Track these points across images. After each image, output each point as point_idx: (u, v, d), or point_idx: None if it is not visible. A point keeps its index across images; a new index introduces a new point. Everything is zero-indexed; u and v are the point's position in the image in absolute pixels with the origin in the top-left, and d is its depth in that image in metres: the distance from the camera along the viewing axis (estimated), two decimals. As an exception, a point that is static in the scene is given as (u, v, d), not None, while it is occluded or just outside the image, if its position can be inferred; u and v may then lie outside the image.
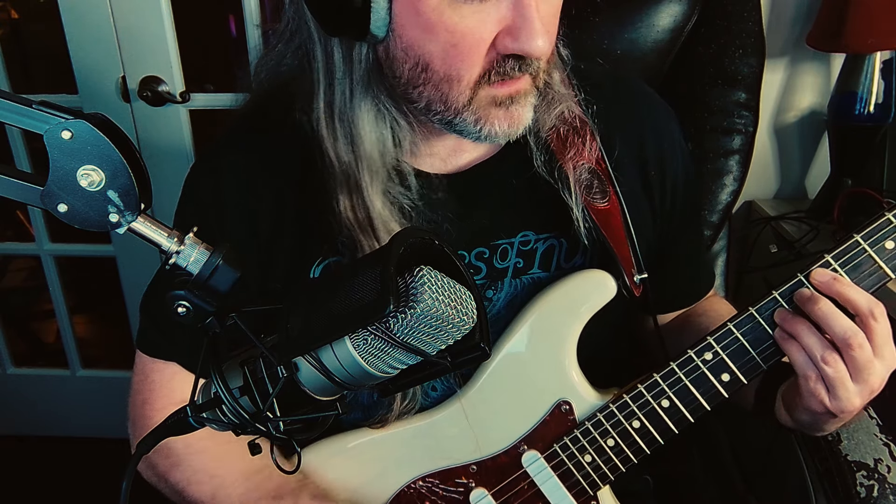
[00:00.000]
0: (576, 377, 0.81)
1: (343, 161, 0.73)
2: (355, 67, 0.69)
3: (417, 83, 0.68)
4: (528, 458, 0.82)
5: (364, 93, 0.70)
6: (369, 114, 0.71)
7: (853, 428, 0.89)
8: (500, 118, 0.69)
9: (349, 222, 0.74)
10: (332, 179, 0.74)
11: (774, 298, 0.73)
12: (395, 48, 0.66)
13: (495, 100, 0.68)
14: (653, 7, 1.19)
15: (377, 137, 0.72)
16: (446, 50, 0.64)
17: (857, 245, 0.72)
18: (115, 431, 2.00)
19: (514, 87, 0.68)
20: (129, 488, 0.52)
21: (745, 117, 1.24)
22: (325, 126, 0.72)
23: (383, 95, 0.71)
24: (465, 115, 0.68)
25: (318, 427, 0.54)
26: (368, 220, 0.73)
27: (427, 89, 0.68)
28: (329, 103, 0.71)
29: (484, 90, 0.67)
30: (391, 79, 0.70)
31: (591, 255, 0.83)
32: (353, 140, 0.72)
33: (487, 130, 0.69)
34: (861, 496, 0.82)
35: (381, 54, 0.69)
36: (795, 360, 0.70)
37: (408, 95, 0.70)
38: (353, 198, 0.73)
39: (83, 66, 1.62)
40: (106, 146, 0.45)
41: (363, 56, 0.69)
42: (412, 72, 0.67)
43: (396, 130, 0.73)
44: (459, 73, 0.66)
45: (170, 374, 0.84)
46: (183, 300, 0.48)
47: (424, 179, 0.78)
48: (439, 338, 0.48)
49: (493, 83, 0.67)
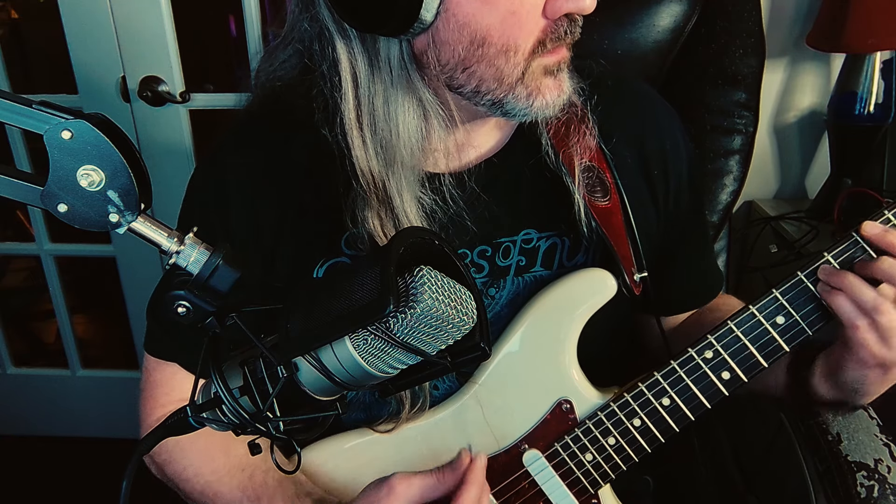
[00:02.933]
0: (576, 376, 0.81)
1: (375, 171, 0.71)
2: (385, 69, 0.68)
3: (470, 63, 0.67)
4: (529, 457, 0.82)
5: (402, 94, 0.69)
6: (410, 114, 0.70)
7: (853, 428, 0.89)
8: (551, 87, 0.69)
9: (378, 234, 0.73)
10: (359, 190, 0.72)
11: (774, 297, 0.74)
12: (445, 30, 0.65)
13: (547, 69, 0.69)
14: (653, 7, 1.19)
15: (418, 139, 0.71)
16: (505, 19, 0.64)
17: (857, 244, 0.72)
18: (116, 431, 2.02)
19: (560, 55, 0.69)
20: (130, 488, 0.52)
21: (745, 117, 1.24)
22: (355, 136, 0.71)
23: (426, 91, 0.70)
24: (517, 90, 0.68)
25: (319, 427, 0.54)
26: (396, 229, 0.73)
27: (481, 67, 0.67)
28: (359, 113, 0.70)
29: (536, 61, 0.68)
30: (435, 68, 0.68)
31: (592, 254, 0.83)
32: (387, 147, 0.70)
33: (540, 102, 0.69)
34: (861, 496, 0.82)
35: (421, 45, 0.67)
36: (843, 310, 0.71)
37: (454, 82, 0.69)
38: (384, 209, 0.72)
39: (83, 66, 1.62)
40: (106, 146, 0.45)
41: (394, 55, 0.67)
42: (467, 51, 0.66)
43: (438, 127, 0.72)
44: (517, 43, 0.66)
45: (170, 374, 0.85)
46: (183, 300, 0.48)
47: (447, 180, 0.77)
48: (439, 338, 0.49)
49: (545, 52, 0.67)
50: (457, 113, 0.73)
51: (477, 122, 0.77)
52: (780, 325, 0.74)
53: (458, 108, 0.73)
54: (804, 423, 0.94)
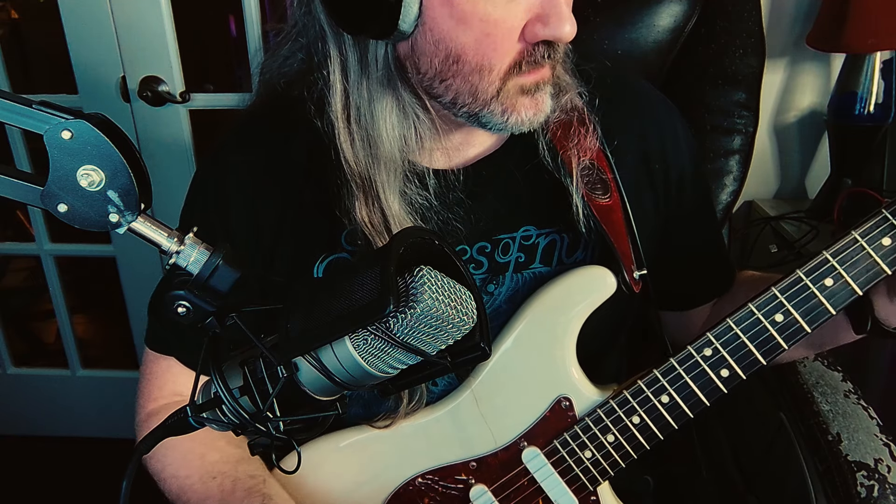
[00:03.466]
0: (575, 373, 0.81)
1: (360, 163, 0.73)
2: (372, 67, 0.69)
3: (446, 76, 0.68)
4: (528, 454, 0.82)
5: (384, 92, 0.70)
6: (391, 113, 0.71)
7: (853, 428, 0.89)
8: (527, 106, 0.70)
9: (365, 225, 0.74)
10: (347, 182, 0.74)
11: (773, 295, 0.74)
12: (423, 42, 0.66)
13: (523, 88, 0.69)
14: (653, 7, 1.19)
15: (398, 136, 0.72)
16: (480, 40, 0.65)
17: (855, 242, 0.72)
18: (116, 431, 2.02)
19: (539, 75, 0.69)
20: (130, 488, 0.52)
21: (745, 117, 1.24)
22: (341, 129, 0.72)
23: (405, 93, 0.71)
24: (492, 106, 0.69)
25: (318, 427, 0.54)
26: (384, 222, 0.74)
27: (456, 82, 0.68)
28: (345, 105, 0.72)
29: (512, 80, 0.68)
30: (415, 75, 0.70)
31: (592, 251, 0.83)
32: (371, 141, 0.72)
33: (515, 119, 0.70)
34: (861, 496, 0.82)
35: (404, 51, 0.69)
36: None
37: (432, 90, 0.70)
38: (369, 201, 0.73)
39: (83, 66, 1.62)
40: (106, 146, 0.45)
41: (381, 55, 0.69)
42: (443, 65, 0.67)
43: (418, 127, 0.73)
44: (491, 63, 0.66)
45: (165, 367, 0.86)
46: (183, 300, 0.48)
47: (434, 176, 0.78)
48: (439, 338, 0.49)
49: (522, 73, 0.68)
50: (438, 119, 0.74)
51: (446, 131, 0.77)
52: (778, 322, 0.74)
53: (440, 114, 0.74)
54: (804, 423, 0.94)
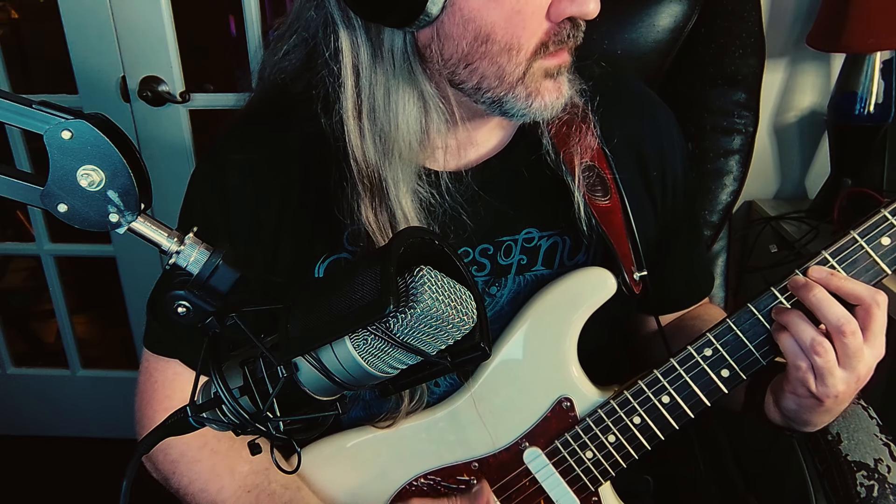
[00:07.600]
0: (576, 374, 0.81)
1: (371, 161, 0.71)
2: (388, 59, 0.68)
3: (473, 59, 0.67)
4: (529, 454, 0.82)
5: (402, 84, 0.69)
6: (411, 105, 0.70)
7: (853, 428, 0.89)
8: (550, 89, 0.70)
9: (370, 226, 0.73)
10: (352, 181, 0.73)
11: (773, 295, 0.74)
12: (449, 24, 0.66)
13: (547, 71, 0.69)
14: (653, 7, 1.19)
15: (418, 129, 0.71)
16: (510, 17, 0.65)
17: (854, 242, 0.72)
18: (116, 431, 2.03)
19: (561, 58, 0.70)
20: (130, 488, 0.52)
21: (745, 117, 1.24)
22: (352, 125, 0.71)
23: (426, 83, 0.70)
24: (517, 89, 0.69)
25: (319, 427, 0.54)
26: (391, 221, 0.73)
27: (483, 64, 0.68)
28: (357, 101, 0.70)
29: (537, 62, 0.68)
30: (437, 62, 0.69)
31: (593, 253, 0.83)
32: (385, 137, 0.71)
33: (539, 104, 0.70)
34: (861, 496, 0.82)
35: (426, 38, 0.67)
36: (787, 350, 0.71)
37: (455, 77, 0.69)
38: (377, 200, 0.73)
39: (83, 66, 1.63)
40: (106, 146, 0.45)
41: (398, 46, 0.68)
42: (470, 46, 0.66)
43: (437, 120, 0.72)
44: (520, 42, 0.66)
45: (172, 375, 0.84)
46: (183, 300, 0.48)
47: (440, 177, 0.77)
48: (439, 338, 0.48)
49: (547, 54, 0.68)
50: (457, 109, 0.73)
51: (478, 120, 0.77)
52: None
53: (459, 104, 0.73)
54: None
